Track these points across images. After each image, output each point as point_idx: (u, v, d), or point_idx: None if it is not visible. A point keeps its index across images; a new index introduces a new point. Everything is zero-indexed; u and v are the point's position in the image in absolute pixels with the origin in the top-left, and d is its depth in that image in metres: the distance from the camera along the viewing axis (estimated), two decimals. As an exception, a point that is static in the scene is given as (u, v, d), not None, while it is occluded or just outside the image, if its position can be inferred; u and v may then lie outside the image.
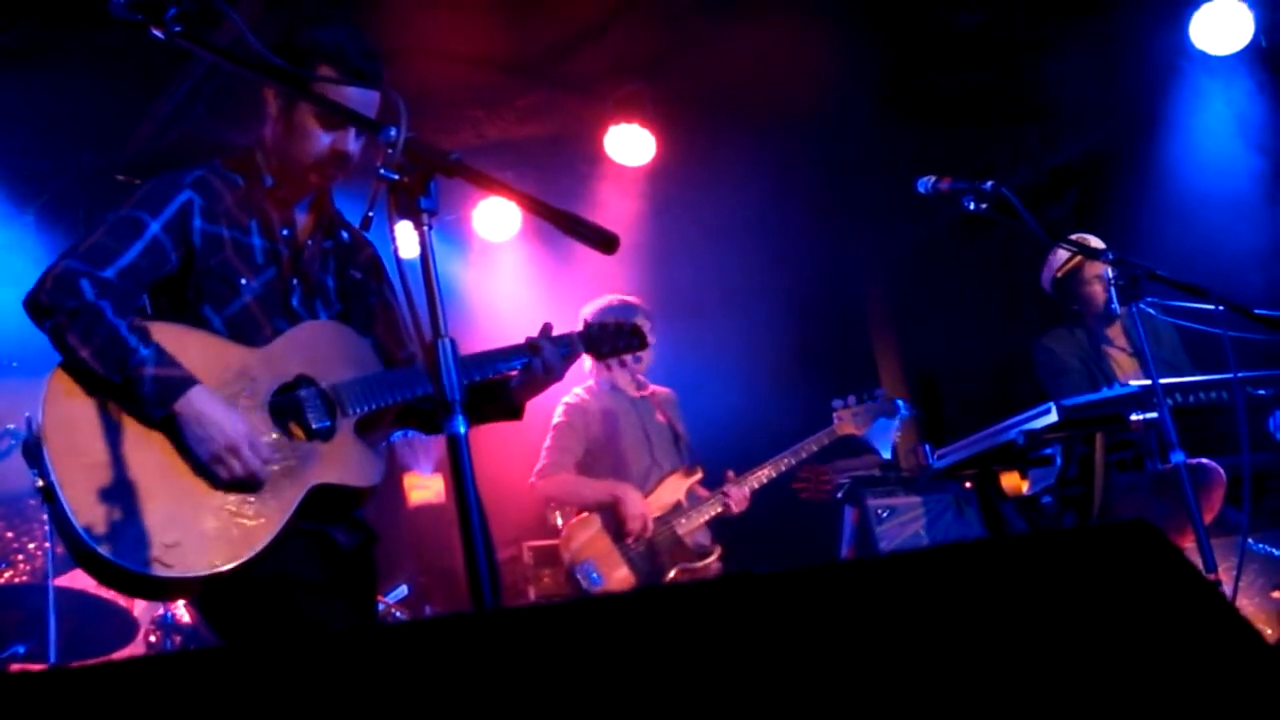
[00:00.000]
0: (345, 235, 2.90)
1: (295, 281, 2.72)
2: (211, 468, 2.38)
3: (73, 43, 4.90)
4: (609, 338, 3.22)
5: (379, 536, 2.80)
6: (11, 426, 4.62)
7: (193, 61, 5.09)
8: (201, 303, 2.59)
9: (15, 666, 4.32)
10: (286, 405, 2.54)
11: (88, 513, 2.24)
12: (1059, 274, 5.04)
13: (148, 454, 2.35)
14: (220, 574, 2.32)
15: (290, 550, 2.46)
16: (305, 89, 2.54)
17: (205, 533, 2.33)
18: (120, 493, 2.28)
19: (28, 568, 5.19)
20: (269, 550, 2.39)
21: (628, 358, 3.44)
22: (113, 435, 2.34)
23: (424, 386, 2.66)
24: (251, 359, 2.54)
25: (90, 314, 2.38)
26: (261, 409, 2.50)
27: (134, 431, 2.36)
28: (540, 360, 2.84)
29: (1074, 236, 4.89)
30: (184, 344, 2.46)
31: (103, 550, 2.22)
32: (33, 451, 2.30)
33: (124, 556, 2.23)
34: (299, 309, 2.71)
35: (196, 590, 2.42)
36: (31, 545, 5.19)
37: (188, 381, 2.38)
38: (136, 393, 2.35)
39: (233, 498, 2.39)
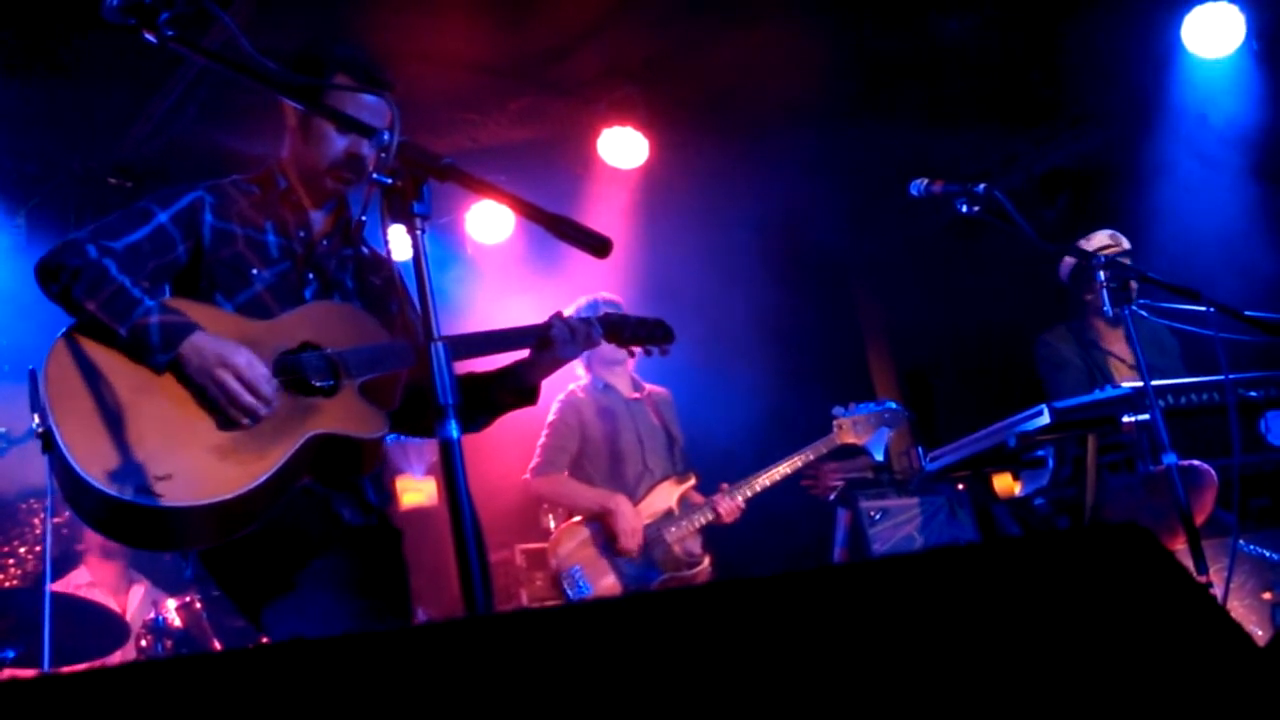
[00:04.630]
0: (366, 250, 2.95)
1: (310, 275, 2.77)
2: (210, 392, 2.41)
3: (64, 46, 4.89)
4: (630, 326, 3.19)
5: (401, 533, 2.80)
6: (2, 430, 4.60)
7: (184, 65, 5.09)
8: (214, 291, 2.64)
9: (6, 671, 4.30)
10: (289, 365, 2.55)
11: (83, 448, 2.28)
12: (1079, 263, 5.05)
13: (150, 399, 2.40)
14: (211, 506, 2.32)
15: (290, 509, 2.49)
16: (283, 87, 2.55)
17: (200, 468, 2.35)
18: (117, 432, 2.32)
19: (18, 572, 5.18)
20: (264, 496, 2.39)
21: (623, 354, 3.39)
22: (115, 381, 2.39)
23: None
24: (257, 328, 2.58)
25: (95, 270, 2.45)
26: (264, 366, 2.52)
27: (138, 379, 2.41)
28: (558, 330, 2.86)
29: (1107, 232, 4.94)
30: (190, 310, 2.52)
31: (95, 480, 2.25)
32: (34, 398, 2.36)
33: (115, 486, 2.25)
34: (312, 301, 2.74)
35: (196, 535, 2.41)
36: (23, 549, 5.18)
37: (192, 326, 2.45)
38: (143, 340, 2.40)
39: (232, 437, 2.41)
